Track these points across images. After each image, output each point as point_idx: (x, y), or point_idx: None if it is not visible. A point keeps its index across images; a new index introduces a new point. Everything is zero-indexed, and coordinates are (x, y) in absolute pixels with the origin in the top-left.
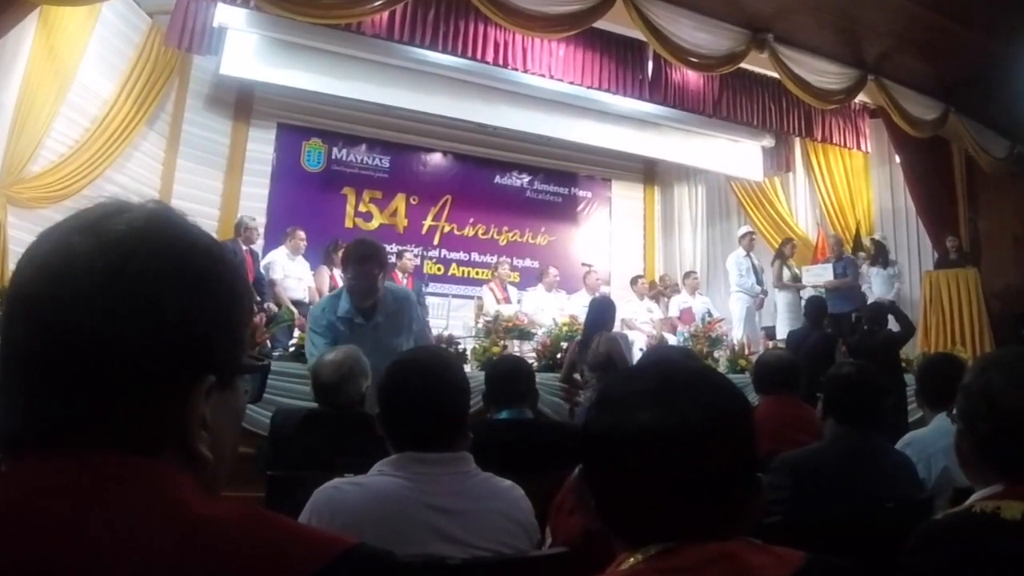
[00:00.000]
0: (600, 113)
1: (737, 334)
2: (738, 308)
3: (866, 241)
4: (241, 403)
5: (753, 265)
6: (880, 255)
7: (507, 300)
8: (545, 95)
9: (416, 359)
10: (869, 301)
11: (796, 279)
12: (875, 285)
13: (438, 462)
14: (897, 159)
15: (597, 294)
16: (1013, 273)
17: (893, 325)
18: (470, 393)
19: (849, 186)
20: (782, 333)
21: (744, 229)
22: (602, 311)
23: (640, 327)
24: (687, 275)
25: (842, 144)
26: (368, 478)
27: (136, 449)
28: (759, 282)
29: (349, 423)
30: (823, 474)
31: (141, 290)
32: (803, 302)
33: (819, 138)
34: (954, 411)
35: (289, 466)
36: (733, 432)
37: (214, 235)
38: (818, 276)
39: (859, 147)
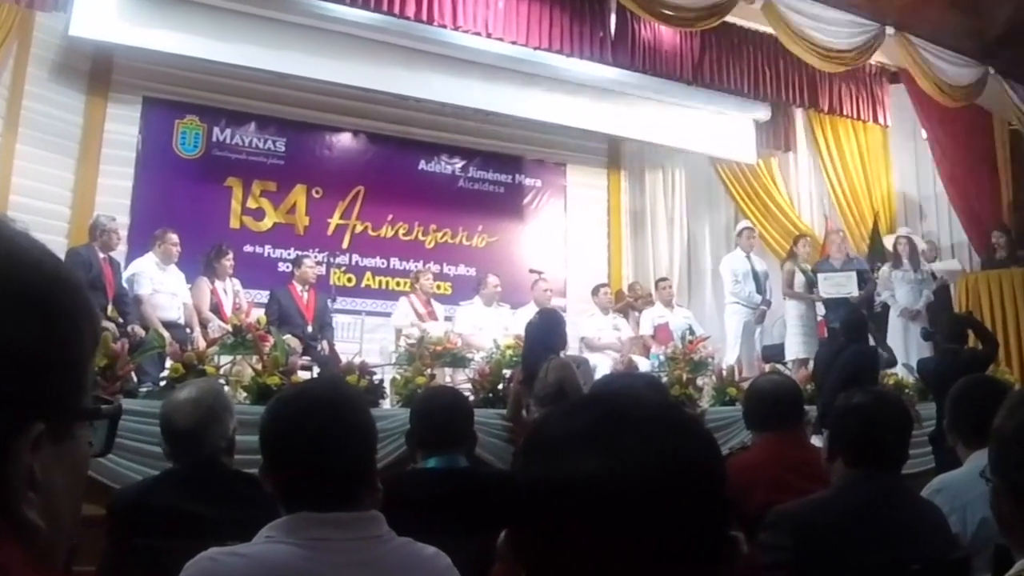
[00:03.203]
0: (551, 81)
1: (731, 356)
2: (734, 323)
3: (888, 240)
4: (82, 456)
5: (753, 269)
6: (911, 256)
7: (432, 317)
8: (482, 59)
9: (308, 393)
10: (894, 311)
11: (812, 286)
12: (900, 293)
13: (341, 525)
14: (924, 134)
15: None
16: None
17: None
18: (377, 435)
19: (864, 169)
20: (792, 354)
21: (743, 224)
22: (547, 329)
23: (604, 348)
24: (659, 283)
25: (855, 116)
26: (253, 547)
27: None
28: (760, 290)
29: (213, 482)
30: (831, 530)
31: None
32: (823, 316)
33: (826, 109)
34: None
35: (151, 531)
36: (694, 483)
37: (63, 239)
38: (840, 287)
39: (876, 120)
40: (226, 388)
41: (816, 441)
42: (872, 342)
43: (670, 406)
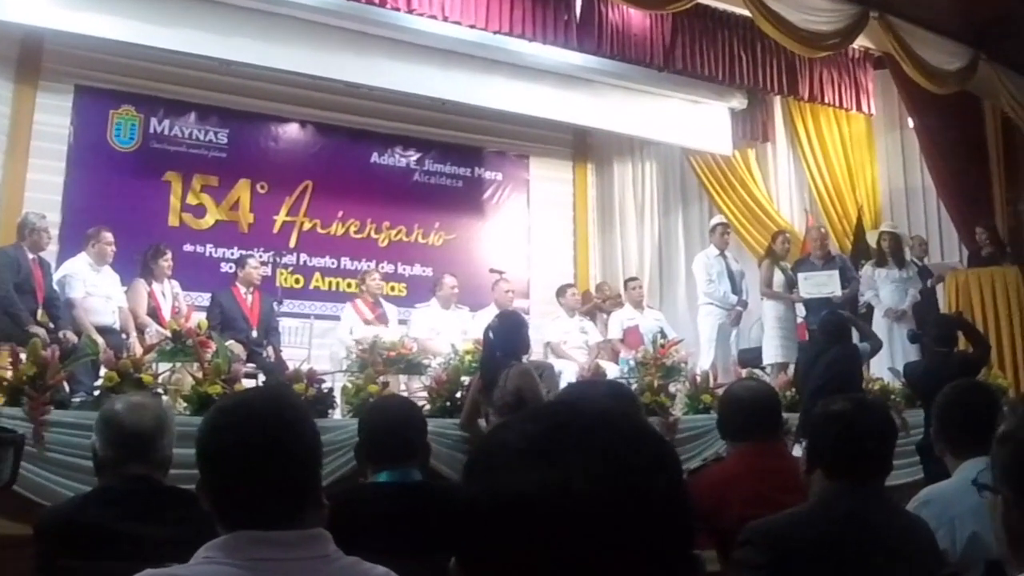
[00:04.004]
0: (513, 67)
1: (706, 360)
2: (708, 325)
3: (872, 236)
4: None
5: (728, 268)
6: (895, 253)
7: (381, 321)
8: (438, 44)
9: (247, 403)
10: (878, 312)
11: (792, 286)
12: (884, 292)
13: (284, 544)
14: (911, 123)
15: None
16: None
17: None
18: (322, 448)
19: (847, 160)
20: (771, 358)
21: (716, 220)
22: (508, 333)
23: (570, 353)
24: (628, 283)
25: (837, 104)
26: (191, 568)
27: None
28: (736, 290)
29: (148, 498)
30: (810, 547)
31: None
32: (803, 318)
33: (806, 97)
34: (984, 471)
35: (82, 552)
36: (648, 497)
37: None
38: (821, 286)
39: (860, 108)
40: (164, 398)
41: (798, 452)
42: (858, 338)
43: (623, 415)
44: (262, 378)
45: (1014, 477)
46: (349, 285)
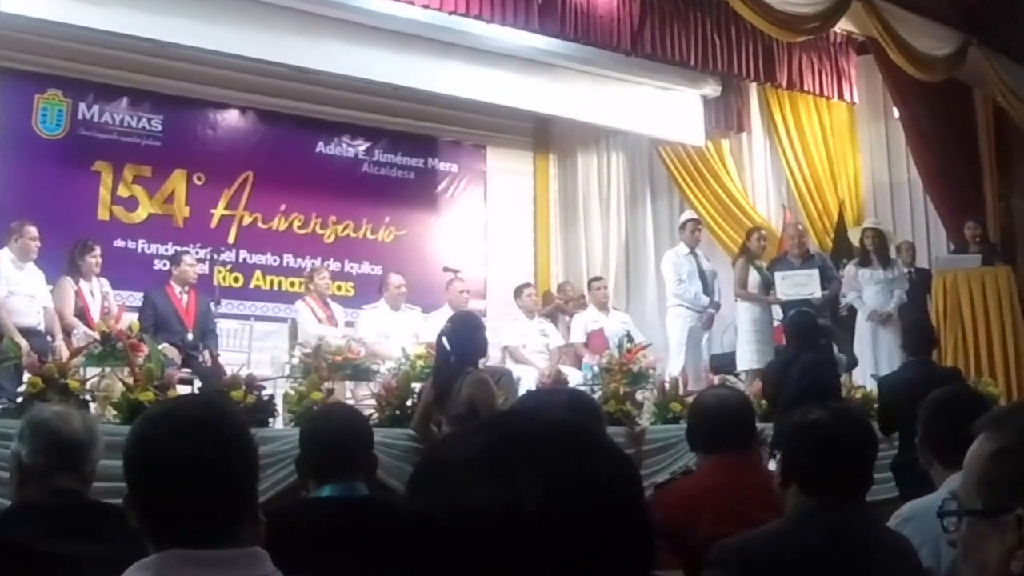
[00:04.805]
0: (470, 51)
1: (675, 366)
2: (678, 328)
3: (854, 234)
4: None
5: (699, 267)
6: (881, 251)
7: (331, 321)
8: (390, 26)
9: (178, 412)
10: (861, 314)
11: (768, 286)
12: (868, 294)
13: (217, 563)
14: (896, 113)
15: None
16: None
17: None
18: (259, 460)
19: (828, 152)
20: (745, 364)
21: (687, 215)
22: (463, 336)
23: (530, 358)
24: (592, 283)
25: (818, 92)
26: None
27: None
28: (708, 291)
29: (73, 514)
30: (784, 566)
31: None
32: (780, 321)
33: (784, 84)
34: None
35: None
36: (603, 513)
37: None
38: (800, 287)
39: (842, 97)
40: (93, 406)
41: (772, 465)
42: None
43: (581, 427)
44: (198, 384)
45: (1009, 489)
46: (292, 284)
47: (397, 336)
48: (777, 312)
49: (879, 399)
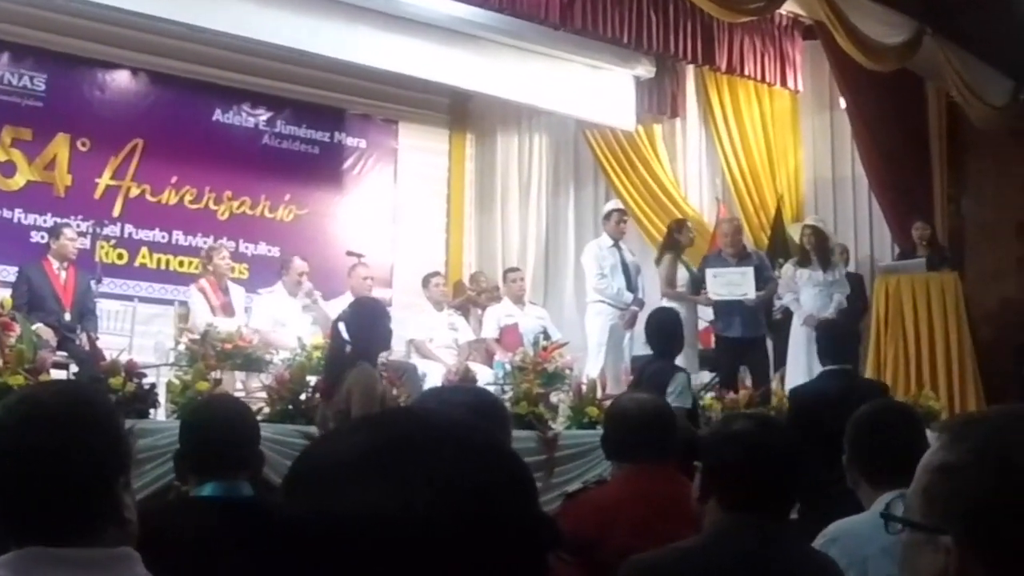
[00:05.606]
0: (383, 17)
1: (594, 367)
2: (597, 326)
3: (793, 230)
4: None
5: (623, 261)
6: (820, 251)
7: (227, 308)
8: None
9: (35, 398)
10: (797, 318)
11: (697, 284)
12: (805, 296)
13: (81, 563)
14: (842, 104)
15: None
16: (1015, 282)
17: None
18: (128, 453)
19: (768, 143)
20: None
21: (611, 205)
22: (365, 324)
23: (437, 353)
24: (508, 274)
25: (759, 78)
26: None
27: None
28: (632, 287)
29: None
30: None
31: None
32: (710, 322)
33: (724, 68)
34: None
35: None
36: (495, 524)
37: None
38: (733, 286)
39: (785, 84)
40: None
41: None
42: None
43: (475, 428)
44: (74, 369)
45: (977, 514)
46: (181, 264)
47: (294, 324)
48: (706, 313)
49: (789, 412)
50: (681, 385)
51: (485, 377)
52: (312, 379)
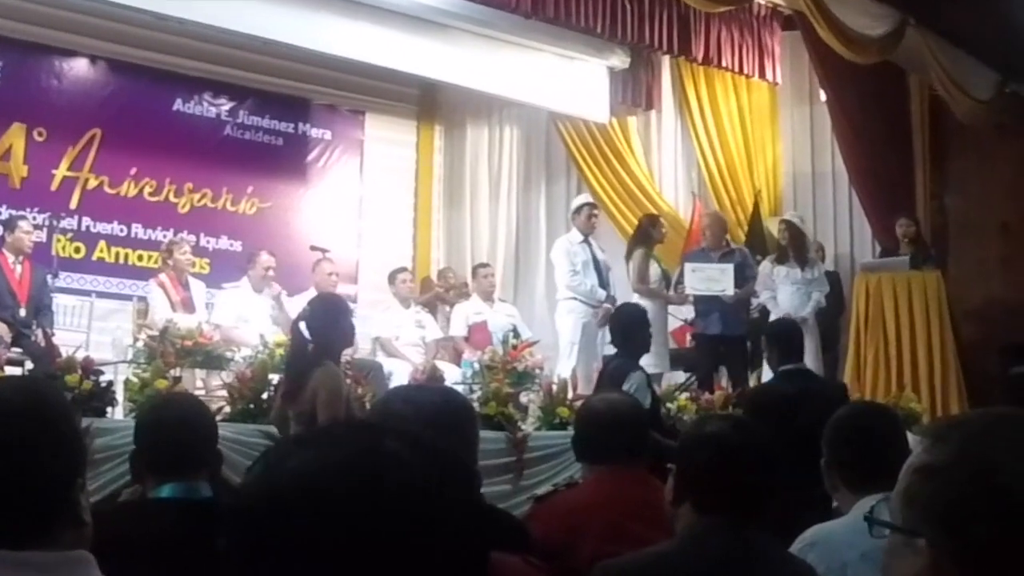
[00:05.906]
0: (350, 5)
1: (565, 366)
2: (569, 324)
3: (771, 226)
4: None
5: (595, 257)
6: (796, 248)
7: (187, 304)
8: None
9: None
10: (773, 318)
11: (670, 281)
12: (783, 294)
13: (34, 566)
14: (823, 96)
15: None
16: (999, 281)
17: None
18: (84, 453)
19: (746, 136)
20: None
21: (581, 199)
22: (327, 321)
23: (404, 351)
24: (477, 270)
25: (737, 70)
26: None
27: None
28: (603, 284)
29: None
30: None
31: None
32: (685, 321)
33: (700, 59)
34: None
35: None
36: (439, 537)
37: None
38: (712, 282)
39: (763, 76)
40: None
41: None
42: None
43: (431, 440)
44: (29, 365)
45: (943, 516)
46: (140, 258)
47: (257, 321)
48: (681, 311)
49: (747, 413)
50: (636, 383)
51: (453, 376)
52: (275, 377)
